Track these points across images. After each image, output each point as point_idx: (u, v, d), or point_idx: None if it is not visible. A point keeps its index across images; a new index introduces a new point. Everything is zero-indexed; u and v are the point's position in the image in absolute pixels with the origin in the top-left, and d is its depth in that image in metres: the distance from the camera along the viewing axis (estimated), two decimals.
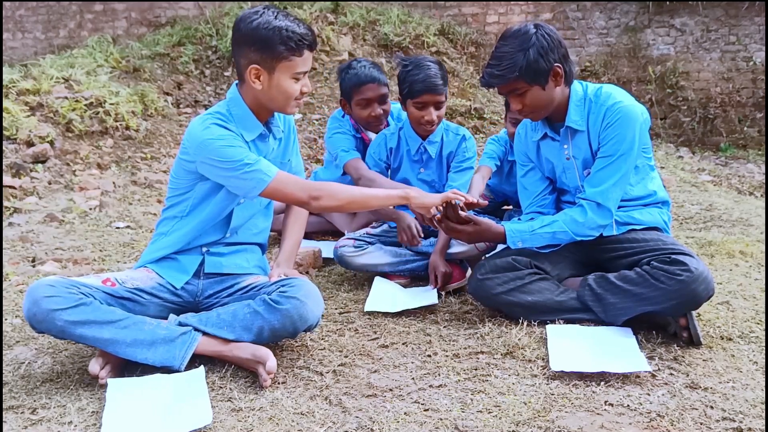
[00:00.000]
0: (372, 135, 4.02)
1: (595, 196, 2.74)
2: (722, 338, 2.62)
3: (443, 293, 3.26)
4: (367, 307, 3.06)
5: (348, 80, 3.86)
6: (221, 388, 2.30)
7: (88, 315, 2.29)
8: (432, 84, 3.30)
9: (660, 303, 2.53)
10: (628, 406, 2.12)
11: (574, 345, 2.52)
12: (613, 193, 2.74)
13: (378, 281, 3.39)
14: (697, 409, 2.10)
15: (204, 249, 2.70)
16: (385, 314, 3.02)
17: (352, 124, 4.11)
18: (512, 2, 9.84)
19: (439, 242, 3.35)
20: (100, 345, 2.33)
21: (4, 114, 6.19)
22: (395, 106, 4.20)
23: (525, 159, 3.10)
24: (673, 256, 2.56)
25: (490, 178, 4.09)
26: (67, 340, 2.40)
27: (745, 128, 9.24)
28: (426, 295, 3.18)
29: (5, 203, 5.22)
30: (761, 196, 6.76)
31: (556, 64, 2.70)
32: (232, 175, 2.46)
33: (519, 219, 3.06)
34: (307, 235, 4.32)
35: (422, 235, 3.36)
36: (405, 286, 3.41)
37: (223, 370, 2.41)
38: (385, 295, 3.21)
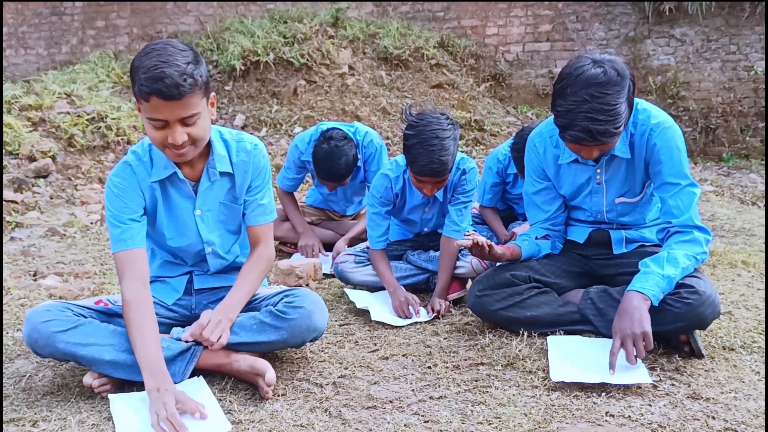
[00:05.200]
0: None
1: (688, 221, 2.59)
2: (724, 348, 2.61)
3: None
4: (374, 317, 3.09)
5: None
6: (221, 400, 2.30)
7: (88, 336, 2.32)
8: (432, 171, 3.09)
9: (666, 324, 2.47)
10: (630, 416, 2.11)
11: (575, 356, 2.50)
12: (698, 212, 2.63)
13: (352, 293, 3.38)
14: (698, 419, 2.09)
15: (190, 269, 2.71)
16: (386, 326, 3.03)
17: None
18: (511, 14, 9.88)
19: (439, 284, 3.33)
20: (102, 369, 2.33)
21: (8, 129, 6.21)
22: (363, 129, 4.30)
23: (540, 175, 2.95)
24: (681, 280, 2.51)
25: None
26: (69, 362, 2.41)
27: (748, 138, 9.23)
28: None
29: (7, 218, 5.23)
30: (764, 206, 6.76)
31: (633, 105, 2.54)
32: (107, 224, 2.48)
33: (527, 234, 3.00)
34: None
35: (418, 310, 3.21)
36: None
37: (223, 383, 2.41)
38: (377, 305, 3.25)
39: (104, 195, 2.43)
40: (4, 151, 6.05)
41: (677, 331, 2.50)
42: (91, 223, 5.34)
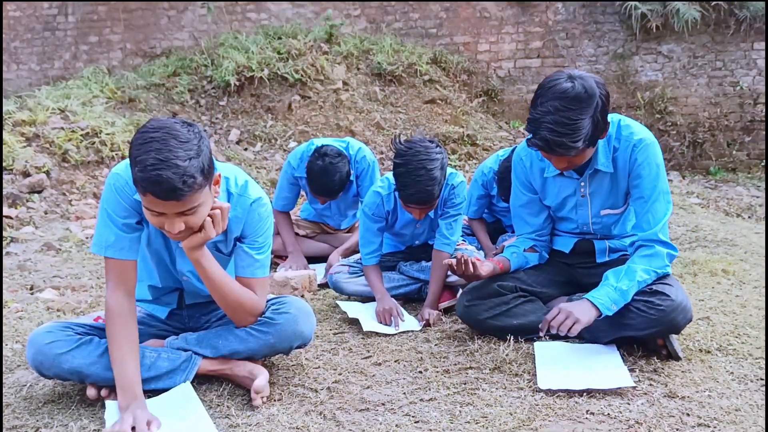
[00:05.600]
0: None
1: (653, 236, 2.68)
2: (701, 351, 2.72)
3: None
4: (366, 328, 3.14)
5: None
6: (219, 405, 2.37)
7: (92, 356, 2.35)
8: (419, 200, 3.20)
9: (642, 329, 2.60)
10: (609, 414, 2.21)
11: (561, 362, 2.60)
12: (666, 228, 2.72)
13: (344, 305, 3.45)
14: (673, 416, 2.19)
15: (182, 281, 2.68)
16: (378, 334, 3.11)
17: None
18: (503, 31, 10.00)
19: (430, 295, 3.41)
20: (108, 383, 2.36)
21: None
22: (356, 145, 4.38)
23: (527, 188, 3.02)
24: (654, 287, 2.63)
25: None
26: (74, 382, 2.44)
27: (734, 152, 9.38)
28: (409, 323, 3.27)
29: (2, 233, 5.25)
30: (749, 217, 6.87)
31: (607, 122, 2.60)
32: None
33: (515, 246, 3.08)
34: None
35: (403, 319, 3.27)
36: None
37: (221, 389, 2.48)
38: (368, 315, 3.31)
39: (103, 190, 2.35)
40: None
41: (652, 335, 2.62)
42: (87, 238, 5.32)
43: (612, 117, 2.74)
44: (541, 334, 2.57)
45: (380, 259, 3.63)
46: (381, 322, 3.23)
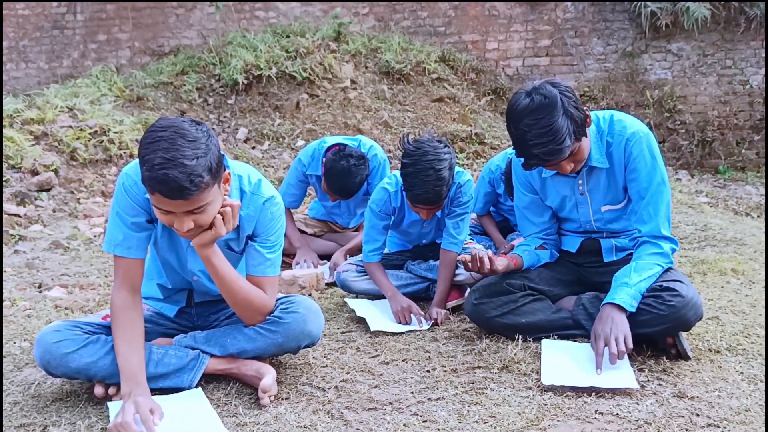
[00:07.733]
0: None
1: (654, 231, 2.73)
2: (710, 351, 2.70)
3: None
4: (373, 327, 3.13)
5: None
6: (227, 404, 2.37)
7: (98, 353, 2.36)
8: (427, 200, 3.18)
9: (651, 326, 2.59)
10: (618, 414, 2.20)
11: (567, 360, 2.58)
12: (667, 222, 2.75)
13: (353, 302, 3.43)
14: (683, 416, 2.18)
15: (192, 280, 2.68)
16: (386, 333, 3.10)
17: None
18: (511, 30, 9.99)
19: (438, 294, 3.40)
20: (116, 380, 2.36)
21: (10, 143, 6.24)
22: (368, 143, 4.37)
23: (528, 188, 3.04)
24: (665, 283, 2.63)
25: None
26: (82, 380, 2.44)
27: (744, 150, 9.35)
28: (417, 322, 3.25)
29: (11, 231, 5.27)
30: (758, 216, 6.83)
31: (585, 111, 2.63)
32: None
33: (525, 245, 3.07)
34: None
35: (423, 314, 3.27)
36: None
37: (228, 387, 2.48)
38: (376, 313, 3.30)
39: (114, 189, 2.38)
40: (6, 165, 6.08)
41: (662, 332, 2.60)
42: (95, 236, 5.35)
43: (605, 113, 2.81)
44: (598, 371, 2.46)
45: (388, 256, 3.61)
46: (400, 322, 3.21)
